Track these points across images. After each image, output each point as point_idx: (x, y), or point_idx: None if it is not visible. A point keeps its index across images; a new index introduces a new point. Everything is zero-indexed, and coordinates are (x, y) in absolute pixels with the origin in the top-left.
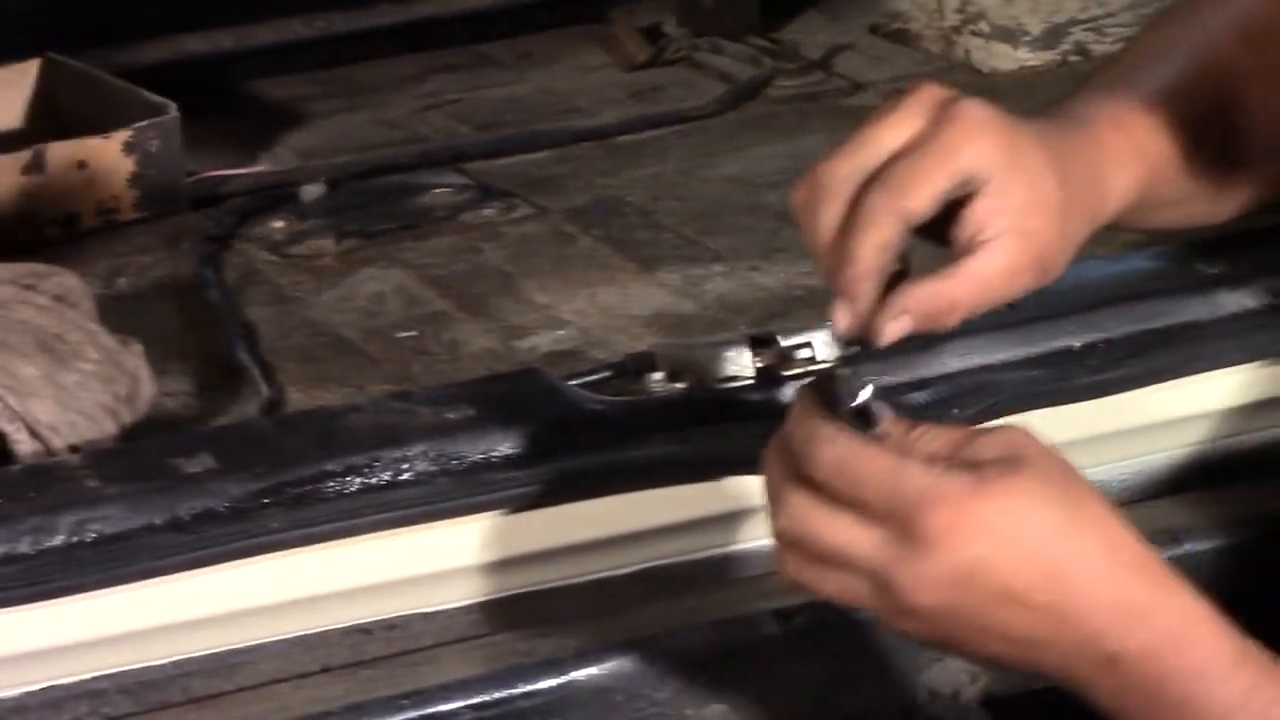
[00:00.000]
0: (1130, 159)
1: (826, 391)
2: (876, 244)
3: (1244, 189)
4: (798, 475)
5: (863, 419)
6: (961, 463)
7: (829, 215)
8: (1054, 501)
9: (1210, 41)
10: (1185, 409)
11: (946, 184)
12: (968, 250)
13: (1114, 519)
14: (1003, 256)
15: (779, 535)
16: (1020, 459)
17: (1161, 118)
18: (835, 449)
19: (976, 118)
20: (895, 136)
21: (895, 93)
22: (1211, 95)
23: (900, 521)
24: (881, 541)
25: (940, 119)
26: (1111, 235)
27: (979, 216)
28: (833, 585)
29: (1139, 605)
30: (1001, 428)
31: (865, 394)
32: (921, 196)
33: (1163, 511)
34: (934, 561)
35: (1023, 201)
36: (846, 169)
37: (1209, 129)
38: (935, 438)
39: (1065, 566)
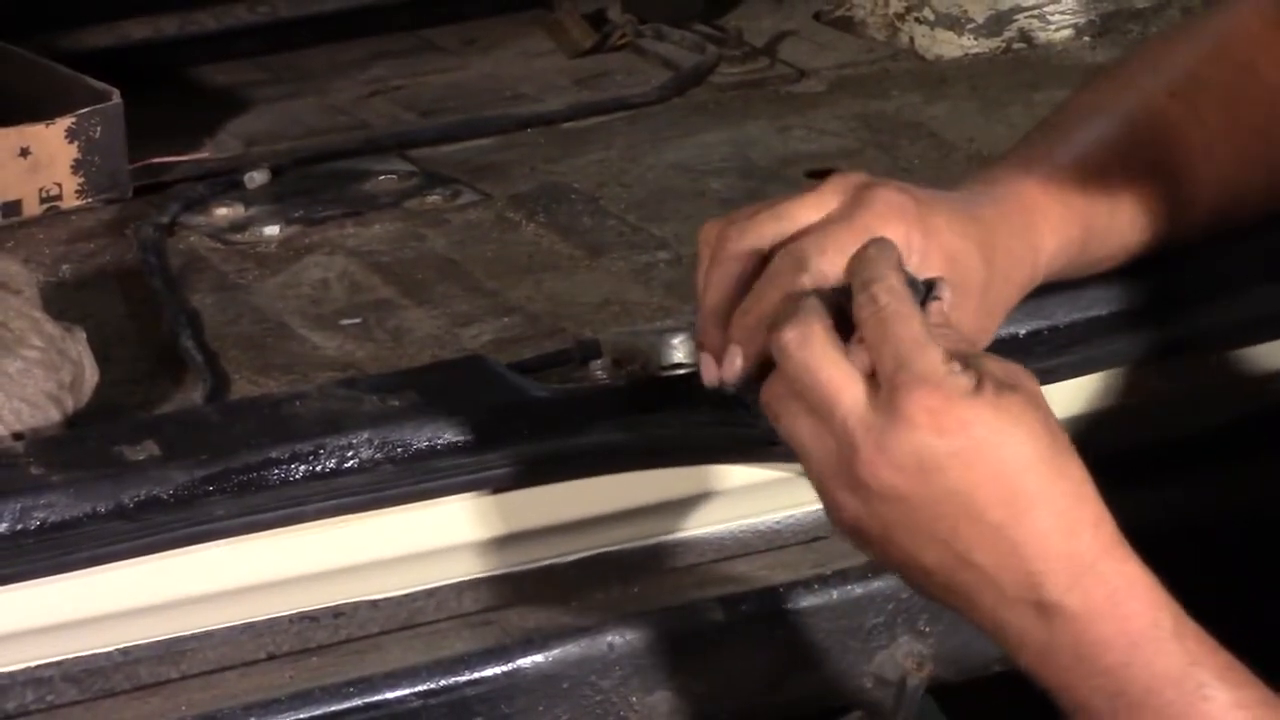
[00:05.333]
0: (1061, 221)
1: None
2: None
3: (1190, 229)
4: (829, 307)
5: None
6: (969, 366)
7: (730, 268)
8: (1038, 436)
9: (1142, 97)
10: (1133, 396)
11: None
12: None
13: (1085, 474)
14: None
15: (775, 351)
16: (1019, 386)
17: (1094, 175)
18: (890, 295)
19: (892, 202)
20: (810, 214)
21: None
22: (1146, 144)
23: (891, 390)
24: (866, 401)
25: (855, 201)
26: None
27: None
28: (804, 427)
29: (1086, 560)
30: (1006, 360)
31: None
32: (832, 263)
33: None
34: (903, 439)
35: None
36: (759, 231)
37: (1147, 180)
38: (949, 338)
39: (1028, 499)
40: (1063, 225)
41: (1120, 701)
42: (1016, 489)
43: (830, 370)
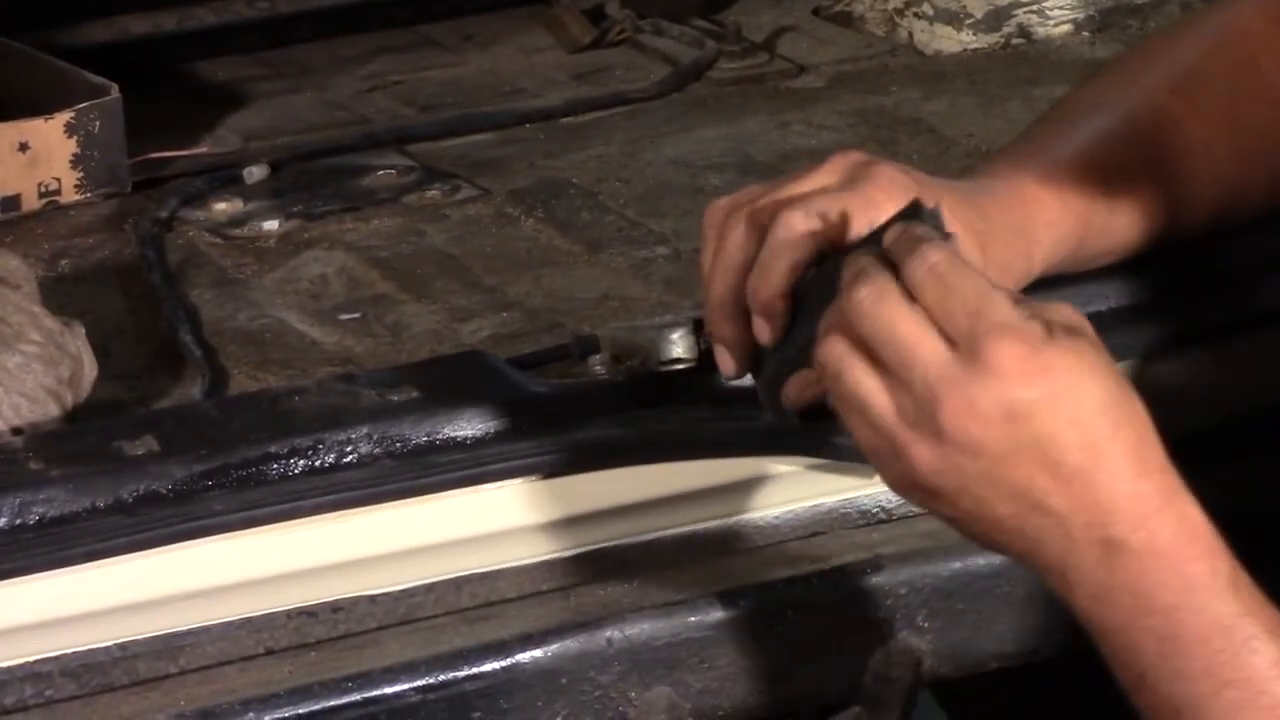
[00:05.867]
0: (1059, 215)
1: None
2: (792, 265)
3: (1190, 226)
4: (887, 266)
5: None
6: (1035, 313)
7: (734, 257)
8: (1107, 380)
9: (1142, 94)
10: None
11: (865, 231)
12: None
13: (1149, 419)
14: None
15: (847, 310)
16: (1083, 330)
17: (1092, 170)
18: (941, 253)
19: (894, 178)
20: (812, 189)
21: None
22: (1146, 142)
23: (973, 343)
24: (948, 355)
25: (859, 176)
26: None
27: None
28: (871, 383)
29: (1154, 502)
30: (1061, 304)
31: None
32: (833, 226)
33: None
34: (992, 390)
35: None
36: (760, 214)
37: (1146, 177)
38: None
39: (1104, 441)
40: (1060, 219)
41: (1170, 645)
42: (1093, 433)
43: (907, 324)
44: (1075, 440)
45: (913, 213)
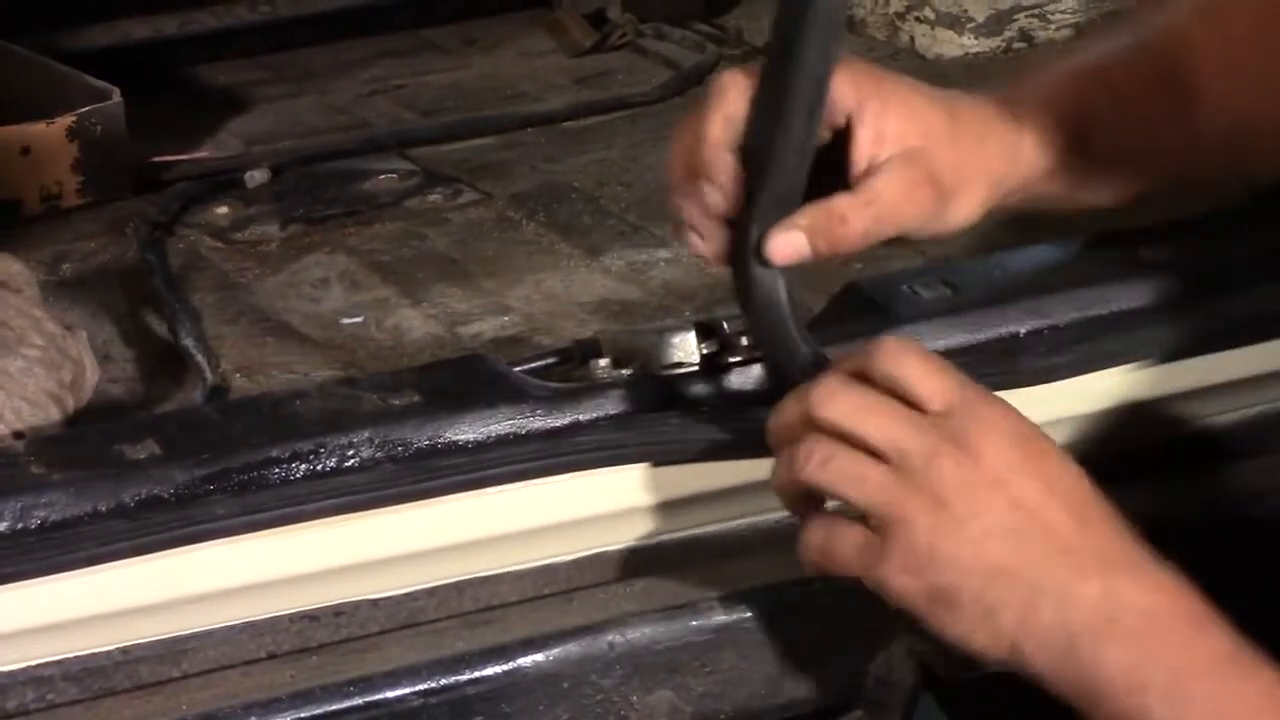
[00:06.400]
0: (1049, 105)
1: None
2: (723, 117)
3: (1198, 149)
4: (851, 375)
5: None
6: None
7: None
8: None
9: (1165, 16)
10: (1133, 395)
11: None
12: (863, 178)
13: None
14: (893, 172)
15: (821, 425)
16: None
17: (1099, 83)
18: (899, 344)
19: (853, 65)
20: None
21: None
22: (1158, 56)
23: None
24: (927, 421)
25: None
26: (1062, 221)
27: (862, 147)
28: (874, 480)
29: (1121, 558)
30: None
31: None
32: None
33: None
34: (1000, 418)
35: (900, 125)
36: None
37: (1156, 92)
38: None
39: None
40: (1050, 109)
41: (1180, 675)
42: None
43: (889, 418)
44: (1070, 488)
45: None
